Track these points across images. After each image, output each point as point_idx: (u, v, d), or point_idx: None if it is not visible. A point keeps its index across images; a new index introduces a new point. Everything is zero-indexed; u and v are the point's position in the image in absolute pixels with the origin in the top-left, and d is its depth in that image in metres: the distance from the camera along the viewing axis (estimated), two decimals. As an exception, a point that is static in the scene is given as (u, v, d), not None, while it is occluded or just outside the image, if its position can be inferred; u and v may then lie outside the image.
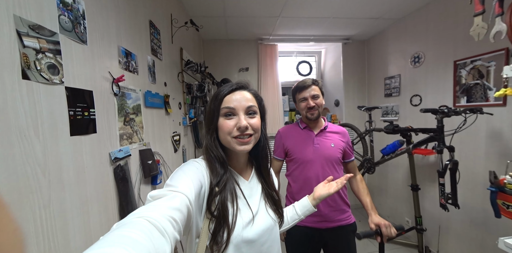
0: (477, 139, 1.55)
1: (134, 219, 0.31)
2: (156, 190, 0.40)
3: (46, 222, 0.50)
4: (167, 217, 0.33)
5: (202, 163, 0.52)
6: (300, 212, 0.70)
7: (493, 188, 0.84)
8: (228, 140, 0.51)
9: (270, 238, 0.54)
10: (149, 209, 0.34)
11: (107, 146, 0.76)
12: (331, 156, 1.03)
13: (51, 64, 0.53)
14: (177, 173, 0.46)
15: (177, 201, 0.38)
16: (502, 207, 0.83)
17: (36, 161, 0.49)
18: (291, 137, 1.09)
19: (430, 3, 1.82)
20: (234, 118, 0.52)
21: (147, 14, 1.14)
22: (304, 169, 1.03)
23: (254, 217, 0.52)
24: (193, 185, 0.44)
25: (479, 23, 0.79)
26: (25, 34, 0.47)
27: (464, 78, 1.61)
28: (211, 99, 0.55)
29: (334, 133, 1.09)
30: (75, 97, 0.61)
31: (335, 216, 1.02)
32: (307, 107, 1.03)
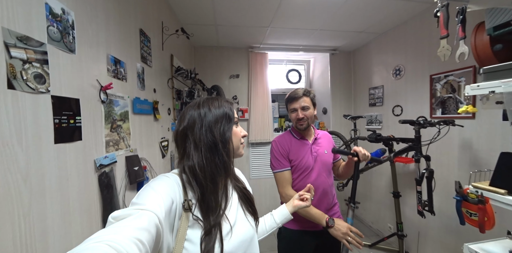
0: (450, 149, 1.65)
1: (92, 244, 0.28)
2: (119, 210, 0.37)
3: (25, 231, 0.50)
4: (132, 239, 0.30)
5: (174, 178, 0.49)
6: (279, 220, 0.72)
7: (458, 197, 0.91)
8: (238, 145, 0.56)
9: (249, 250, 0.53)
10: (110, 231, 0.31)
11: (92, 153, 0.76)
12: (327, 162, 1.11)
13: (37, 73, 0.54)
14: (145, 190, 0.43)
15: (144, 220, 0.35)
16: (466, 215, 0.90)
17: (17, 169, 0.49)
18: (290, 146, 1.11)
19: (408, 20, 1.97)
20: (238, 127, 0.58)
21: (138, 23, 1.17)
22: (305, 176, 1.08)
23: (232, 228, 0.51)
24: (163, 201, 0.41)
25: (444, 45, 0.88)
26: (13, 45, 0.48)
27: (439, 91, 1.74)
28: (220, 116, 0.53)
29: (323, 139, 1.16)
30: (61, 105, 0.62)
31: (329, 215, 1.06)
32: (296, 118, 1.07)
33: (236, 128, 0.57)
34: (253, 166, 2.69)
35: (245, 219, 0.56)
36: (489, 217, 0.81)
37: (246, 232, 0.53)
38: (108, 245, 0.28)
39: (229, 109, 0.55)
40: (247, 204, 0.59)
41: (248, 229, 0.55)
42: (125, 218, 0.35)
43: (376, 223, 2.46)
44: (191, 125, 0.51)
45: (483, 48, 1.14)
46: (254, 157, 2.69)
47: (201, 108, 0.53)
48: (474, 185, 0.83)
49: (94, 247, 0.27)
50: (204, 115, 0.52)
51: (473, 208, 0.85)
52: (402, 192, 1.93)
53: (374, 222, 2.49)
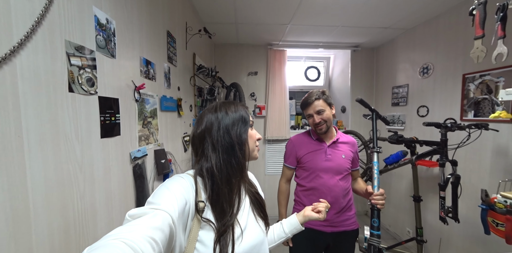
0: (482, 155, 1.54)
1: (109, 241, 0.29)
2: (135, 208, 0.38)
3: (81, 211, 0.60)
4: (146, 237, 0.32)
5: (188, 179, 0.50)
6: (288, 230, 0.69)
7: (484, 206, 0.87)
8: (254, 148, 0.58)
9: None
10: (126, 229, 0.32)
11: (128, 147, 0.85)
12: (342, 167, 1.09)
13: (89, 77, 0.63)
14: (160, 190, 0.44)
15: (159, 219, 0.36)
16: (491, 225, 0.86)
17: (75, 159, 0.58)
18: (304, 147, 1.13)
19: (440, 15, 1.83)
20: (253, 130, 0.60)
21: (165, 25, 1.24)
22: (315, 177, 1.09)
23: (243, 232, 0.51)
24: (177, 202, 0.42)
25: (478, 46, 0.83)
26: (72, 55, 0.57)
27: (473, 92, 1.62)
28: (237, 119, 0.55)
29: (345, 144, 1.14)
30: (105, 104, 0.71)
31: (341, 221, 1.08)
32: (313, 123, 1.08)
33: (251, 130, 0.58)
34: (268, 162, 2.74)
35: (256, 224, 0.56)
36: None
37: (257, 237, 0.53)
38: (124, 242, 0.29)
39: (245, 112, 0.57)
40: (259, 208, 0.59)
41: (259, 234, 0.54)
42: (141, 216, 0.36)
43: (394, 226, 2.40)
44: (208, 128, 0.53)
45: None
46: (270, 153, 2.74)
47: (218, 112, 0.55)
48: (503, 194, 0.80)
49: (111, 244, 0.29)
50: (221, 118, 0.54)
51: (500, 218, 0.82)
52: (423, 197, 1.86)
53: (391, 225, 2.44)
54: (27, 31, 0.45)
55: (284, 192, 1.19)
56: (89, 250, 0.28)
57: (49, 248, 0.51)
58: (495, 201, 0.83)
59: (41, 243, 0.49)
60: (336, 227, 1.08)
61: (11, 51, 0.42)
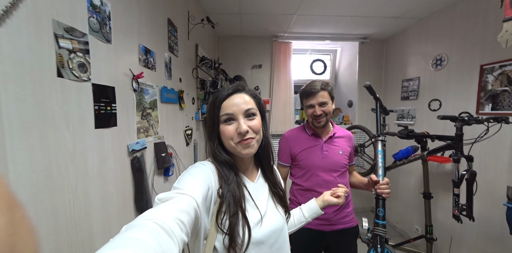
0: (500, 150, 1.47)
1: (142, 221, 0.32)
2: (163, 193, 0.40)
3: (73, 205, 0.56)
4: (175, 219, 0.34)
5: (209, 166, 0.52)
6: (307, 214, 0.71)
7: (509, 204, 0.80)
8: (232, 145, 0.52)
9: (280, 240, 0.54)
10: (157, 211, 0.35)
11: (125, 139, 0.81)
12: (339, 163, 1.03)
13: (81, 62, 0.58)
14: (184, 176, 0.47)
15: (185, 203, 0.38)
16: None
17: (66, 150, 0.55)
18: (299, 143, 1.06)
19: (458, 2, 1.72)
20: (234, 123, 0.52)
21: (166, 12, 1.18)
22: (312, 176, 1.03)
23: (263, 218, 0.52)
24: (200, 187, 0.44)
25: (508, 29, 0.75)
26: (61, 36, 0.52)
27: (491, 84, 1.52)
28: (209, 105, 0.55)
29: (341, 138, 1.08)
30: (100, 93, 0.66)
31: (339, 219, 1.03)
32: (313, 114, 1.00)
33: (228, 125, 0.52)
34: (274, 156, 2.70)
35: (276, 210, 0.57)
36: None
37: (276, 222, 0.55)
38: (155, 223, 0.31)
39: (213, 109, 0.54)
40: (278, 198, 0.60)
41: (278, 219, 0.56)
42: (168, 200, 0.38)
43: (402, 223, 2.35)
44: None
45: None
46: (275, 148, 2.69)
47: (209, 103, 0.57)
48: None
49: (145, 223, 0.31)
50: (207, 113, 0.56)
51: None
52: (434, 193, 1.80)
53: (399, 222, 2.38)
54: (6, 5, 0.40)
55: None
56: (126, 228, 0.31)
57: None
58: (522, 199, 0.76)
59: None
60: (335, 225, 1.03)
61: (-14, 27, 0.37)
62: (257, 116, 0.54)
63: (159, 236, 0.30)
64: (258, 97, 0.57)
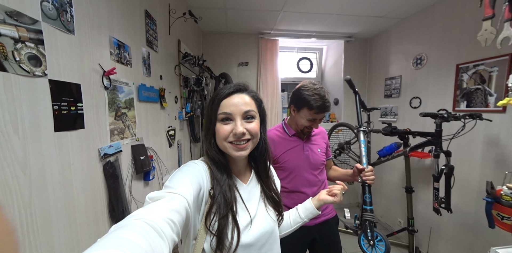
0: (474, 145, 1.55)
1: (132, 221, 0.31)
2: (155, 191, 0.39)
3: (27, 222, 0.48)
4: (166, 219, 0.33)
5: (202, 165, 0.51)
6: (303, 214, 0.69)
7: (489, 199, 0.83)
8: (224, 145, 0.51)
9: (269, 242, 0.54)
10: (147, 211, 0.34)
11: (96, 142, 0.73)
12: (318, 161, 1.03)
13: (32, 54, 0.49)
14: (176, 175, 0.46)
15: (176, 203, 0.38)
16: (496, 218, 0.83)
17: (15, 159, 0.46)
18: (280, 145, 1.03)
19: (437, 3, 1.78)
20: (231, 123, 0.50)
21: (143, 3, 1.09)
22: (295, 176, 1.01)
23: (252, 220, 0.51)
24: (192, 187, 0.43)
25: (488, 28, 0.76)
26: (1, 21, 0.43)
27: (466, 82, 1.59)
28: (209, 101, 0.54)
29: (317, 135, 1.09)
30: (60, 90, 0.57)
31: (321, 211, 1.02)
32: (310, 127, 0.98)
33: (225, 125, 0.50)
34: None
35: (266, 213, 0.56)
36: (523, 221, 0.75)
37: (265, 225, 0.54)
38: (146, 222, 0.31)
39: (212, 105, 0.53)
40: (272, 201, 0.59)
41: (268, 222, 0.55)
42: (160, 199, 0.37)
43: (386, 217, 2.43)
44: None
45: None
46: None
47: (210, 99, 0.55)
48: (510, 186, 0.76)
49: (134, 223, 0.30)
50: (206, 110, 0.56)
51: (507, 211, 0.78)
52: (415, 187, 1.87)
53: (383, 216, 2.46)
54: None
55: None
56: (116, 228, 0.29)
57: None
58: (501, 193, 0.79)
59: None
60: (318, 218, 1.03)
61: None
62: (256, 119, 0.53)
63: (149, 236, 0.29)
64: (259, 99, 0.56)
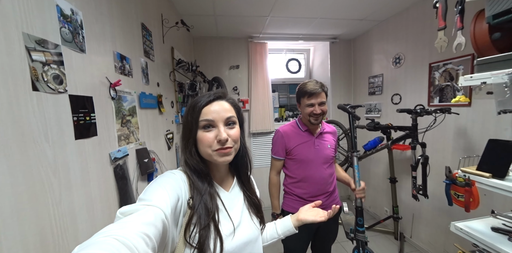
0: (446, 136, 1.71)
1: (100, 238, 0.28)
2: (126, 205, 0.37)
3: (59, 218, 0.56)
4: (139, 233, 0.31)
5: (180, 175, 0.49)
6: (281, 231, 0.68)
7: (448, 181, 0.98)
8: (208, 153, 0.50)
9: (253, 252, 0.53)
10: (118, 226, 0.31)
11: (107, 147, 0.81)
12: (328, 156, 1.15)
13: (56, 74, 0.58)
14: (151, 186, 0.44)
15: (151, 215, 0.35)
16: (454, 197, 0.98)
17: (47, 164, 0.54)
18: (294, 139, 1.15)
19: (410, 7, 1.93)
20: (213, 130, 0.50)
21: (139, 17, 1.16)
22: (305, 168, 1.13)
23: (236, 229, 0.50)
24: (169, 198, 0.41)
25: (441, 37, 0.90)
26: (33, 49, 0.51)
27: (437, 80, 1.76)
28: (187, 109, 0.52)
29: (329, 134, 1.20)
30: (77, 103, 0.66)
31: (329, 203, 1.17)
32: (313, 113, 1.08)
33: (207, 132, 0.50)
34: (254, 155, 2.77)
35: (251, 221, 0.56)
36: (474, 198, 0.89)
37: (250, 233, 0.53)
38: (116, 239, 0.28)
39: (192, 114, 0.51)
40: (254, 209, 0.58)
41: (253, 231, 0.54)
42: (133, 213, 0.35)
43: (374, 207, 2.59)
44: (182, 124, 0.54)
45: (482, 37, 1.14)
46: (256, 146, 2.77)
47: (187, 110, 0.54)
48: (463, 169, 0.90)
49: (102, 241, 0.28)
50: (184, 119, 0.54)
51: (461, 191, 0.93)
52: (398, 178, 2.03)
53: (371, 206, 2.63)
54: (-26, 22, 0.40)
55: (276, 184, 1.22)
56: (80, 249, 0.27)
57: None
58: (457, 176, 0.93)
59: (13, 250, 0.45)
60: (326, 208, 1.14)
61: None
62: (236, 125, 0.53)
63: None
64: (238, 106, 0.56)
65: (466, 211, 0.94)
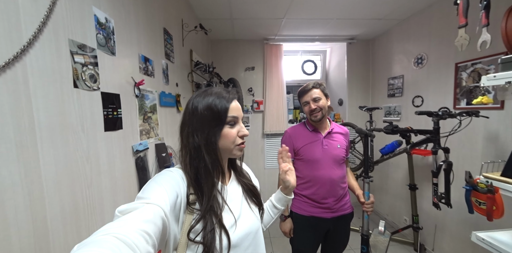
0: (474, 141, 1.59)
1: (99, 237, 0.29)
2: (125, 204, 0.37)
3: (89, 199, 0.65)
4: (139, 231, 0.31)
5: (178, 172, 0.50)
6: (279, 204, 0.69)
7: (468, 187, 0.92)
8: (230, 147, 0.52)
9: (254, 243, 0.53)
10: (117, 224, 0.32)
11: (130, 140, 0.90)
12: (338, 156, 1.14)
13: (91, 74, 0.67)
14: (149, 185, 0.44)
15: (150, 213, 0.36)
16: (475, 204, 0.92)
17: (82, 151, 0.63)
18: (301, 138, 1.16)
19: (433, 4, 1.85)
20: (236, 126, 0.53)
21: (162, 22, 1.27)
22: (313, 168, 1.13)
23: (237, 221, 0.51)
24: (167, 195, 0.42)
25: (462, 34, 0.86)
26: (75, 53, 0.61)
27: (465, 81, 1.65)
28: (205, 107, 0.50)
29: (339, 134, 1.19)
30: (107, 100, 0.75)
31: (340, 207, 1.14)
32: (309, 110, 1.11)
33: (231, 128, 0.52)
34: (267, 156, 2.79)
35: (250, 211, 0.56)
36: (498, 206, 0.83)
37: (251, 225, 0.54)
38: (115, 237, 0.29)
39: (218, 109, 0.50)
40: (252, 196, 0.60)
41: (253, 222, 0.55)
42: (131, 211, 0.36)
43: (392, 215, 2.47)
44: (182, 123, 0.53)
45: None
46: (269, 147, 2.79)
47: (192, 104, 0.52)
48: (485, 175, 0.85)
49: (101, 239, 0.28)
50: (192, 113, 0.51)
51: (482, 197, 0.87)
52: (419, 185, 1.92)
53: (389, 214, 2.51)
54: (34, 31, 0.49)
55: None
56: (79, 247, 0.27)
57: (62, 225, 0.56)
58: (478, 181, 0.88)
59: (54, 219, 0.54)
60: (336, 212, 1.14)
61: (22, 50, 0.46)
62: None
63: (120, 252, 0.27)
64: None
65: (489, 219, 0.88)
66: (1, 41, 0.43)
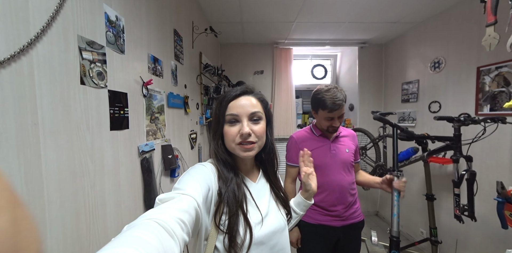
0: (500, 150, 1.48)
1: (143, 221, 0.32)
2: (164, 193, 0.41)
3: (92, 199, 0.62)
4: (176, 219, 0.34)
5: (210, 167, 0.52)
6: (298, 209, 0.68)
7: (500, 199, 0.83)
8: (232, 146, 0.52)
9: (281, 241, 0.54)
10: (158, 211, 0.35)
11: (136, 140, 0.88)
12: (346, 161, 1.08)
13: (99, 71, 0.66)
14: (184, 177, 0.47)
15: (185, 203, 0.38)
16: (509, 218, 0.82)
17: (86, 149, 0.61)
18: (308, 144, 1.11)
19: (453, 6, 1.78)
20: (237, 125, 0.52)
21: (172, 24, 1.28)
22: (321, 174, 1.05)
23: (264, 218, 0.52)
24: (200, 188, 0.44)
25: (491, 33, 0.79)
26: (84, 49, 0.60)
27: (488, 85, 1.55)
28: (216, 104, 0.55)
29: (346, 137, 1.14)
30: (114, 98, 0.73)
31: (349, 215, 1.08)
32: (332, 126, 1.03)
33: (231, 126, 0.52)
34: (275, 161, 2.73)
35: (278, 211, 0.57)
36: (536, 222, 0.74)
37: (277, 223, 0.54)
38: (157, 222, 0.32)
39: (218, 108, 0.54)
40: (282, 201, 0.60)
41: (279, 221, 0.55)
42: (169, 200, 0.38)
43: (407, 227, 2.32)
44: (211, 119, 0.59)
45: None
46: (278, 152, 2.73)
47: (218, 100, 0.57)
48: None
49: (146, 223, 0.31)
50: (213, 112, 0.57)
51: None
52: (437, 195, 1.79)
53: (404, 225, 2.36)
54: (43, 25, 0.48)
55: (292, 193, 1.15)
56: (128, 227, 0.31)
57: (61, 228, 0.53)
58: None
59: (54, 221, 0.51)
60: (345, 220, 1.08)
61: (29, 43, 0.45)
62: (262, 121, 0.54)
63: (161, 236, 0.30)
64: (265, 101, 0.57)
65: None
66: (7, 34, 0.42)
